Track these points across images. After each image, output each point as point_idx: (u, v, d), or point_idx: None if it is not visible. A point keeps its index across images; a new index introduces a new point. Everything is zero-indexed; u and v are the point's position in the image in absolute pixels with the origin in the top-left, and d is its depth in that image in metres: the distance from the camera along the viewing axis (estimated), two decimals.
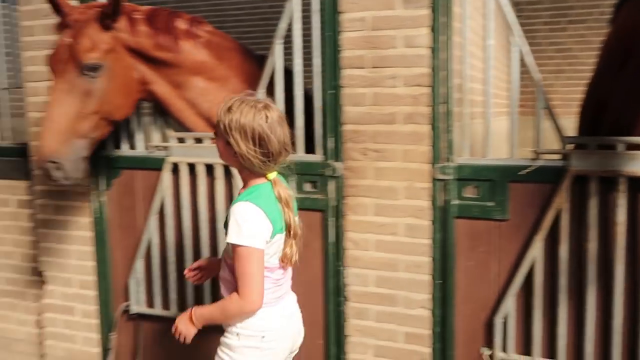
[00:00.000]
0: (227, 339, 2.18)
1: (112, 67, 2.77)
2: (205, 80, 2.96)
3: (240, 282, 2.06)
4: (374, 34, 2.60)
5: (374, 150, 2.68)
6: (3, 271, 3.80)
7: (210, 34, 3.01)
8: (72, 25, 2.75)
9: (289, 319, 2.26)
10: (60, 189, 3.43)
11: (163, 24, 2.87)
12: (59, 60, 2.75)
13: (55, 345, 3.61)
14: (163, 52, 2.86)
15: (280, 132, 2.07)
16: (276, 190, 2.12)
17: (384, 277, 2.76)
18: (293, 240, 2.18)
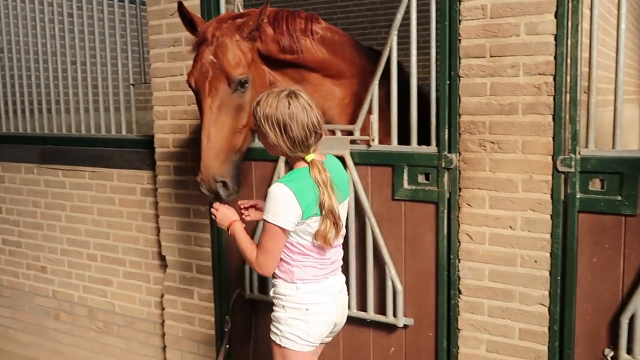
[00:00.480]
0: (276, 312, 2.44)
1: (254, 77, 2.74)
2: (320, 76, 2.98)
3: (259, 250, 2.35)
4: (494, 22, 2.54)
5: (492, 142, 2.63)
6: (128, 255, 4.07)
7: (325, 30, 3.03)
8: (212, 42, 2.68)
9: (333, 295, 2.45)
10: (180, 179, 3.63)
11: (285, 25, 2.85)
12: (205, 78, 2.68)
13: (174, 326, 3.82)
14: (287, 54, 2.85)
15: (303, 117, 2.25)
16: (313, 173, 2.27)
17: (499, 271, 2.70)
18: (327, 219, 2.29)
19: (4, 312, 4.86)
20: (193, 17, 2.81)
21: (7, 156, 4.61)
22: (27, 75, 4.57)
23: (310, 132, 2.28)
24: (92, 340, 4.36)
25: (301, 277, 2.39)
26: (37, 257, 4.57)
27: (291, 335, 2.38)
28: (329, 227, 2.30)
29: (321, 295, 2.41)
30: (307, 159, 2.31)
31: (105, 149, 4.07)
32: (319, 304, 2.39)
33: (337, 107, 3.05)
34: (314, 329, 2.39)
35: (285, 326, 2.39)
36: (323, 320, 2.41)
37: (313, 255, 2.38)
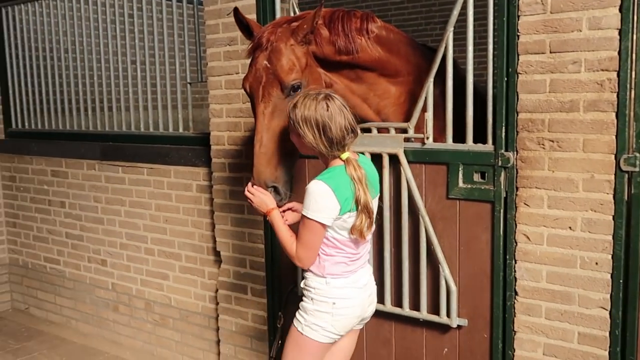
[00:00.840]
0: (304, 303, 2.54)
1: (309, 81, 2.72)
2: (376, 75, 2.96)
3: (299, 244, 2.45)
4: (554, 17, 2.47)
5: (551, 140, 2.56)
6: (184, 250, 4.16)
7: (380, 28, 2.99)
8: (266, 47, 2.68)
9: (360, 289, 2.53)
10: (235, 176, 3.68)
11: (340, 26, 2.82)
12: (259, 83, 2.68)
13: (228, 320, 3.89)
14: (342, 55, 2.83)
15: (341, 119, 2.36)
16: (349, 170, 2.38)
17: (558, 273, 2.63)
18: (363, 214, 2.39)
19: (66, 302, 5.05)
20: (249, 22, 2.83)
21: (71, 153, 4.79)
22: (89, 74, 4.73)
23: (348, 132, 2.40)
24: (148, 332, 4.48)
25: (331, 272, 2.48)
26: (98, 250, 4.73)
27: (314, 326, 2.48)
28: (364, 221, 2.41)
29: (348, 290, 2.50)
30: (343, 157, 2.42)
31: (163, 146, 4.17)
32: (346, 298, 2.49)
33: (392, 105, 3.03)
34: (339, 322, 2.49)
35: (311, 317, 2.49)
36: (349, 314, 2.51)
37: (345, 250, 2.47)
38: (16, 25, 5.15)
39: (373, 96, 2.99)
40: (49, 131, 5.04)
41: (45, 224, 5.11)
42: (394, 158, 2.99)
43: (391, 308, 3.10)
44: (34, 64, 5.08)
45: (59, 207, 4.97)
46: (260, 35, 2.71)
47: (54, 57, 4.92)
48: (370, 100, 3.00)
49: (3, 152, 5.35)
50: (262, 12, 3.37)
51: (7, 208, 5.44)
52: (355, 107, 2.99)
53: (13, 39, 5.18)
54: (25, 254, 5.35)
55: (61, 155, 4.87)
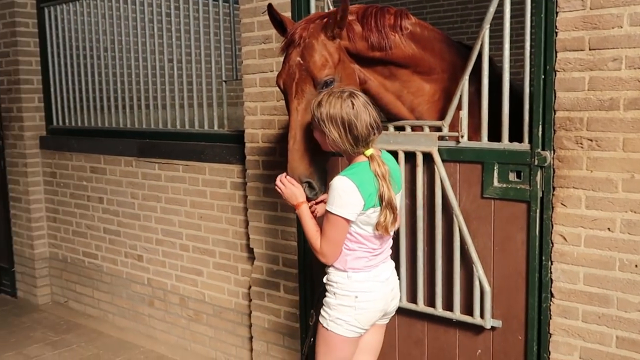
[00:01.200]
0: (327, 298, 2.57)
1: (342, 77, 2.71)
2: (410, 72, 2.93)
3: (322, 239, 2.47)
4: (594, 13, 2.42)
5: (589, 139, 2.51)
6: (218, 246, 4.20)
7: (414, 25, 2.96)
8: (299, 43, 2.69)
9: (382, 283, 2.56)
10: (269, 173, 3.70)
11: (374, 22, 2.81)
12: (292, 80, 2.68)
13: (261, 317, 3.91)
14: (375, 52, 2.81)
15: (366, 117, 2.38)
16: (373, 166, 2.40)
17: (596, 275, 2.57)
18: (387, 209, 2.41)
19: (103, 296, 5.16)
20: (283, 19, 2.84)
21: (109, 149, 4.88)
22: (127, 73, 4.81)
23: (373, 130, 2.42)
24: (183, 328, 4.54)
25: (353, 266, 2.50)
26: (134, 246, 4.81)
27: (338, 320, 2.51)
28: (388, 217, 2.43)
29: (370, 284, 2.52)
30: (367, 153, 2.44)
31: (198, 143, 4.22)
32: (368, 292, 2.52)
33: (426, 103, 3.00)
34: (362, 315, 2.51)
35: (335, 311, 2.52)
36: (371, 308, 2.53)
37: (367, 245, 2.49)
38: (58, 24, 5.27)
39: (407, 93, 2.97)
40: (88, 128, 5.16)
41: (84, 219, 5.23)
42: (427, 156, 2.96)
43: (424, 308, 3.07)
44: (74, 62, 5.20)
45: (97, 202, 5.08)
46: (293, 32, 2.72)
47: (93, 55, 5.03)
48: (404, 98, 2.98)
49: (44, 149, 5.49)
50: (296, 10, 3.38)
51: (47, 203, 5.58)
52: (388, 104, 2.98)
53: (55, 38, 5.31)
54: (64, 248, 5.48)
55: (100, 152, 4.97)
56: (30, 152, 5.48)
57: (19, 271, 5.79)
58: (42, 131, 5.52)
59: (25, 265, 5.70)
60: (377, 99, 2.97)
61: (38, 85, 5.48)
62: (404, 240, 3.09)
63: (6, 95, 5.52)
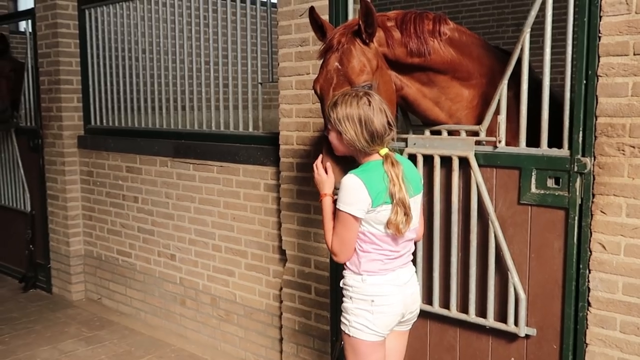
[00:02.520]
0: (345, 303, 2.55)
1: (380, 83, 2.70)
2: (449, 78, 2.92)
3: (334, 237, 2.49)
4: (639, 18, 2.38)
5: (632, 146, 2.46)
6: (250, 247, 4.23)
7: (452, 30, 2.93)
8: (337, 48, 2.68)
9: (400, 287, 2.52)
10: (303, 176, 3.72)
11: (413, 28, 2.80)
12: (329, 85, 2.68)
13: (291, 319, 3.92)
14: (414, 58, 2.81)
15: (381, 116, 2.40)
16: (386, 166, 2.41)
17: (635, 285, 2.52)
18: (398, 208, 2.39)
19: (136, 295, 5.23)
20: (323, 23, 2.83)
21: (145, 149, 4.96)
22: (164, 74, 4.89)
23: (388, 128, 2.43)
24: (213, 328, 4.57)
25: (367, 269, 2.48)
26: (168, 245, 4.87)
27: (358, 325, 2.48)
28: (400, 216, 2.40)
29: (387, 287, 2.50)
30: (382, 152, 2.45)
31: (233, 144, 4.26)
32: (385, 295, 2.49)
33: (465, 109, 2.97)
34: (379, 319, 2.47)
35: (353, 316, 2.50)
36: (388, 312, 2.49)
37: (381, 246, 2.47)
38: (97, 26, 5.38)
39: (445, 99, 2.95)
40: (125, 128, 5.24)
41: (118, 218, 5.32)
42: (464, 161, 2.94)
43: (457, 314, 3.04)
44: (113, 63, 5.30)
45: (132, 202, 5.15)
46: (331, 37, 2.72)
47: (132, 57, 5.11)
48: (442, 104, 2.96)
49: (82, 148, 5.60)
50: (334, 13, 3.39)
51: (84, 202, 5.69)
52: (426, 110, 2.97)
53: (95, 39, 5.42)
54: (99, 246, 5.57)
55: (136, 151, 5.05)
56: (68, 151, 5.60)
57: (55, 267, 5.91)
58: (80, 131, 5.64)
59: (61, 262, 5.82)
60: (415, 106, 2.97)
61: (77, 85, 5.60)
62: (438, 245, 3.07)
63: (46, 95, 5.65)
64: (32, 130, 5.90)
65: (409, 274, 2.59)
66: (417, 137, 3.10)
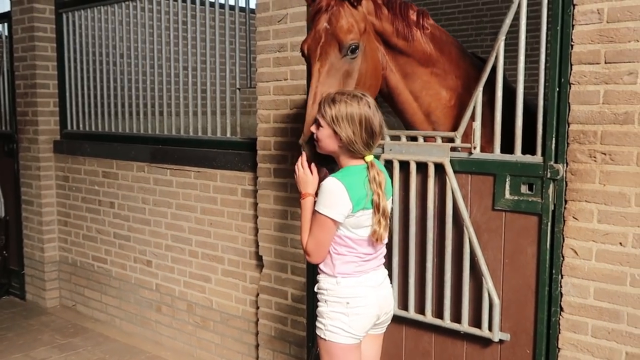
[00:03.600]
0: (319, 307, 2.55)
1: (366, 48, 2.75)
2: (428, 73, 2.96)
3: (310, 237, 2.49)
4: (611, 27, 2.42)
5: (603, 153, 2.50)
6: (227, 253, 4.21)
7: (433, 27, 3.00)
8: (326, 9, 2.73)
9: (374, 289, 2.52)
10: (280, 182, 3.71)
11: (399, 11, 2.87)
12: (317, 43, 2.72)
13: (268, 325, 3.90)
14: (400, 40, 2.87)
15: (379, 117, 2.43)
16: (371, 172, 2.43)
17: (606, 290, 2.55)
18: (382, 217, 2.43)
19: (112, 301, 5.17)
20: None
21: (122, 154, 4.92)
22: (142, 79, 4.86)
23: (382, 131, 2.48)
24: (189, 334, 4.54)
25: (341, 271, 2.49)
26: (144, 251, 4.83)
27: (334, 328, 2.48)
28: (382, 226, 2.44)
29: (361, 289, 2.50)
30: (367, 159, 2.46)
31: (210, 150, 4.24)
32: (360, 297, 2.49)
33: (443, 108, 3.01)
34: (355, 322, 2.48)
35: (329, 320, 2.49)
36: (364, 313, 2.50)
37: (357, 249, 2.49)
38: (75, 30, 5.34)
39: (425, 95, 2.99)
40: (102, 133, 5.20)
41: (94, 224, 5.26)
42: (439, 167, 2.96)
43: (432, 319, 3.05)
44: (90, 67, 5.26)
45: (108, 207, 5.10)
46: (321, 0, 2.76)
47: (109, 61, 5.08)
48: (422, 99, 2.99)
49: (58, 153, 5.54)
50: None
51: (59, 207, 5.62)
52: (405, 103, 3.00)
53: (72, 43, 5.38)
54: (74, 252, 5.51)
55: (113, 156, 5.01)
56: (43, 155, 5.53)
57: (29, 274, 5.82)
58: (56, 135, 5.57)
59: (35, 269, 5.73)
60: (396, 95, 2.99)
61: (54, 89, 5.55)
62: (414, 250, 3.08)
63: (22, 99, 5.59)
64: (7, 135, 5.83)
65: (382, 276, 2.61)
66: (393, 143, 3.12)
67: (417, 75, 2.96)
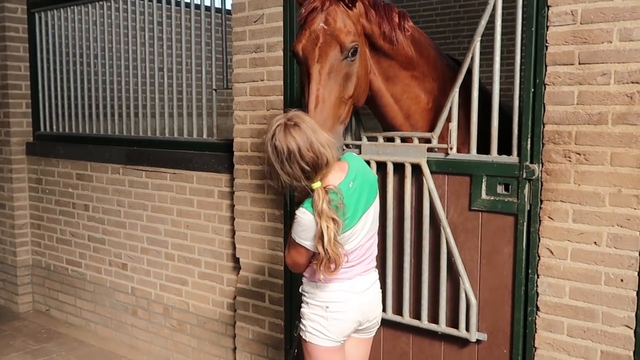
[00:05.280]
0: (302, 308, 2.56)
1: (361, 50, 2.69)
2: (409, 77, 2.94)
3: (287, 254, 2.51)
4: (584, 28, 2.44)
5: (577, 153, 2.52)
6: (204, 256, 4.17)
7: (413, 29, 2.98)
8: (322, 9, 2.63)
9: (357, 294, 2.50)
10: (257, 183, 3.69)
11: (384, 12, 2.82)
12: (314, 45, 2.61)
13: (245, 328, 3.87)
14: (385, 42, 2.82)
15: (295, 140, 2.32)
16: (318, 203, 2.31)
17: (581, 289, 2.57)
18: (322, 247, 2.32)
19: (86, 305, 5.08)
20: None
21: (96, 156, 4.84)
22: (117, 80, 4.79)
23: (314, 150, 2.32)
24: (166, 338, 4.48)
25: (323, 278, 2.45)
26: (119, 254, 4.76)
27: (313, 330, 2.49)
28: (322, 257, 2.33)
29: (342, 294, 2.48)
30: (314, 186, 2.34)
31: (186, 151, 4.20)
32: (339, 302, 2.48)
33: (422, 111, 3.00)
34: (333, 326, 2.47)
35: (309, 321, 2.51)
36: (342, 318, 2.48)
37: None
38: (48, 30, 5.25)
39: (406, 98, 2.96)
40: (75, 135, 5.12)
41: (68, 227, 5.17)
42: (416, 168, 2.96)
43: (409, 320, 3.05)
44: (63, 68, 5.17)
45: (82, 210, 5.02)
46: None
47: (83, 62, 5.01)
48: (402, 102, 2.97)
49: (30, 155, 5.44)
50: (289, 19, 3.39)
51: (32, 210, 5.51)
52: (387, 106, 2.96)
53: (45, 44, 5.29)
54: (48, 255, 5.41)
55: (87, 159, 4.93)
56: (16, 157, 5.43)
57: (1, 278, 5.70)
58: (28, 137, 5.47)
59: (7, 273, 5.62)
60: (378, 97, 2.94)
61: (26, 90, 5.45)
62: (391, 251, 3.08)
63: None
64: None
65: (369, 282, 2.57)
66: (370, 144, 3.11)
67: (398, 79, 2.93)
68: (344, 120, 2.69)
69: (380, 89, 2.91)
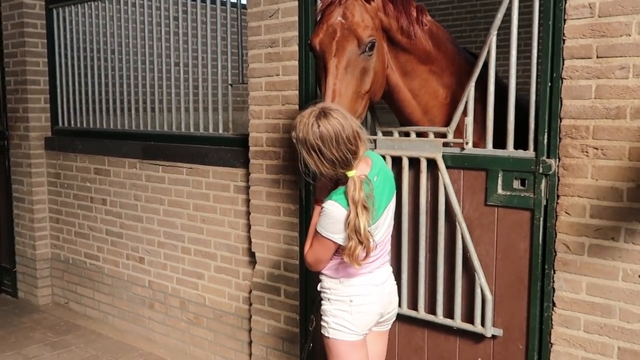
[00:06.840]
0: (323, 305, 2.55)
1: (379, 45, 2.68)
2: (427, 71, 2.92)
3: (311, 249, 2.48)
4: (602, 21, 2.41)
5: (595, 148, 2.50)
6: (220, 250, 4.19)
7: (431, 23, 2.96)
8: (340, 3, 2.62)
9: (377, 287, 2.52)
10: (273, 178, 3.70)
11: (402, 6, 2.79)
12: (331, 39, 2.61)
13: (261, 322, 3.89)
14: (403, 37, 2.80)
15: (332, 126, 2.32)
16: (350, 191, 2.32)
17: (599, 285, 2.55)
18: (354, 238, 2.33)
19: (104, 298, 5.14)
20: None
21: (113, 151, 4.89)
22: (134, 75, 4.83)
23: (355, 135, 2.34)
24: (182, 331, 4.52)
25: (344, 274, 2.48)
26: (136, 248, 4.81)
27: (337, 325, 2.48)
28: (355, 246, 2.32)
29: (365, 287, 2.50)
30: (349, 174, 2.34)
31: (202, 146, 4.22)
32: (363, 295, 2.49)
33: (440, 106, 2.98)
34: (358, 319, 2.48)
35: (332, 317, 2.50)
36: (367, 311, 2.50)
37: None
38: (66, 25, 5.30)
39: (424, 93, 2.95)
40: (93, 130, 5.17)
41: (86, 221, 5.23)
42: (431, 163, 2.95)
43: (424, 315, 3.05)
44: (81, 64, 5.22)
45: (100, 204, 5.08)
46: None
47: (100, 57, 5.04)
48: (420, 97, 2.95)
49: (49, 149, 5.50)
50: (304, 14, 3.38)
51: (51, 204, 5.58)
52: (404, 101, 2.95)
53: (62, 39, 5.33)
54: (66, 249, 5.47)
55: (104, 153, 4.98)
56: (34, 152, 5.49)
57: (21, 271, 5.79)
58: (47, 132, 5.53)
59: (27, 266, 5.70)
60: (395, 92, 2.93)
61: (45, 86, 5.50)
62: (406, 246, 3.07)
63: (12, 95, 5.54)
64: None
65: (385, 274, 2.60)
66: (385, 139, 3.11)
67: (416, 74, 2.91)
68: (360, 115, 2.69)
69: (398, 83, 2.89)
